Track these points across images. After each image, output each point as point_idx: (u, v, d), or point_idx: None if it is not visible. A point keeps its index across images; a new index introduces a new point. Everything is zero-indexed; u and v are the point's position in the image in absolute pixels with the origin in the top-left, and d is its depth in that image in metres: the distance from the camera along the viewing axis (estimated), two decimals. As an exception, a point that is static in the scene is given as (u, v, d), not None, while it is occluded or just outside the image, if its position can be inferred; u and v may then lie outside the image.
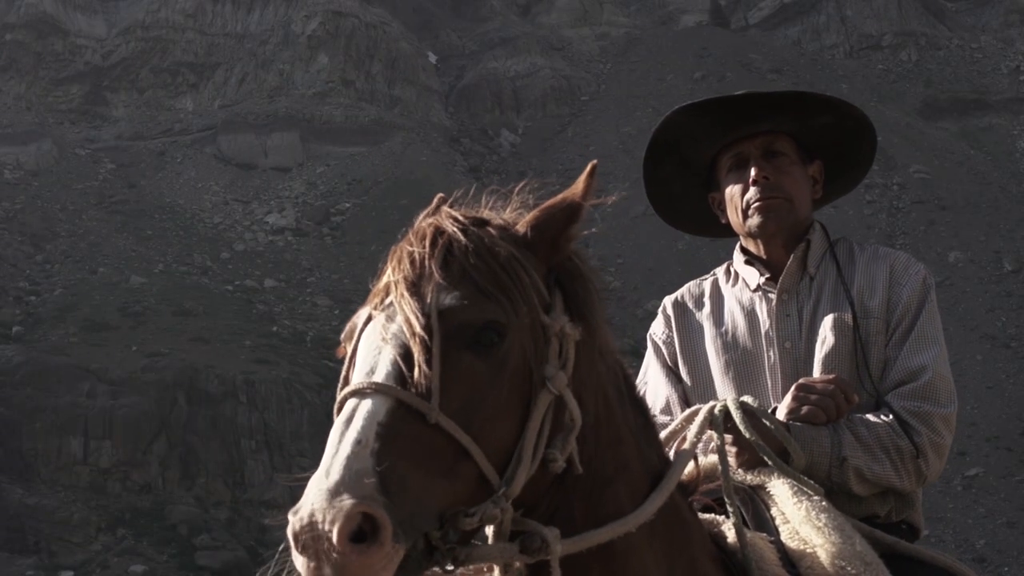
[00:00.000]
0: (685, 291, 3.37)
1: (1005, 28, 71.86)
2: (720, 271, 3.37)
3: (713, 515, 2.67)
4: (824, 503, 2.73)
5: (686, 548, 2.45)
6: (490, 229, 2.24)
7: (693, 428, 2.80)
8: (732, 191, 3.26)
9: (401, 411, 2.06)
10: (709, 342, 3.24)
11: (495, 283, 2.15)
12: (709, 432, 2.86)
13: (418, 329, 2.10)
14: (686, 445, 2.74)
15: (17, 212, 52.76)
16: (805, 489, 2.75)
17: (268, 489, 38.36)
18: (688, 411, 2.91)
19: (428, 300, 2.13)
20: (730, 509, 2.63)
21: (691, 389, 3.25)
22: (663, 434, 2.79)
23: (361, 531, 1.97)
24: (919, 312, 3.12)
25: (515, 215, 2.33)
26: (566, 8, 72.78)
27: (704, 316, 3.28)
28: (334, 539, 1.96)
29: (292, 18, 65.90)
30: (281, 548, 2.10)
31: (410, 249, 2.21)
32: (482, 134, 64.61)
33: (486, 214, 2.31)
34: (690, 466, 2.60)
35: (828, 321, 3.13)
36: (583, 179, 2.30)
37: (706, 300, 3.31)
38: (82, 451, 38.16)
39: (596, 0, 73.00)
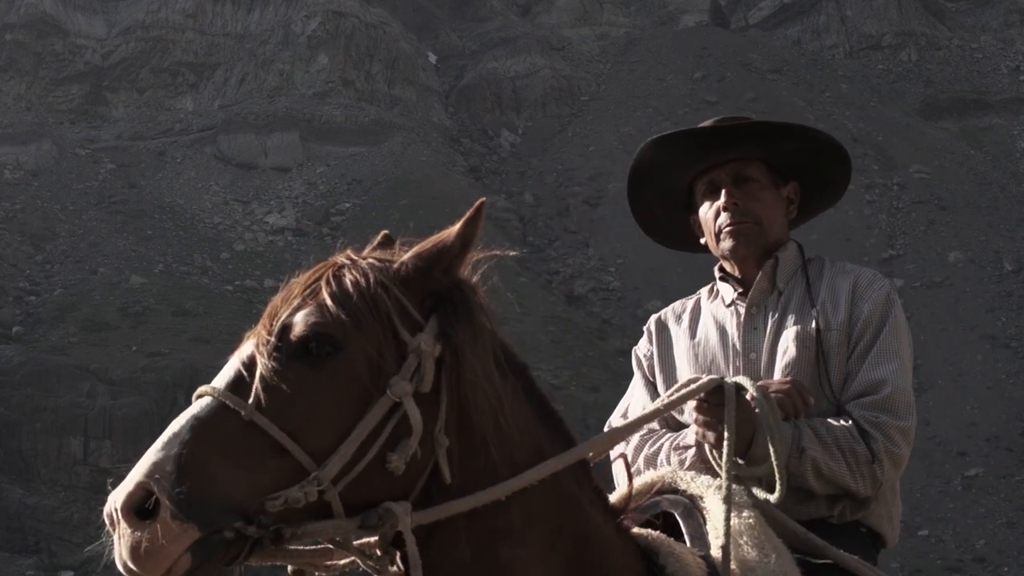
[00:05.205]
0: (669, 310, 3.54)
1: (1005, 28, 71.90)
2: (705, 289, 3.53)
3: (649, 531, 2.70)
4: (751, 520, 2.76)
5: (598, 570, 2.48)
6: (362, 262, 2.44)
7: (701, 382, 2.85)
8: (706, 216, 3.42)
9: (221, 410, 2.27)
10: (682, 353, 3.39)
11: (341, 302, 2.35)
12: (661, 441, 3.06)
13: (260, 342, 2.37)
14: (689, 407, 2.89)
15: (17, 212, 52.78)
16: (737, 504, 2.78)
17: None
18: (685, 379, 2.94)
19: (280, 319, 2.38)
20: (723, 488, 2.69)
21: None
22: (654, 405, 2.88)
23: (145, 508, 2.15)
24: (881, 327, 3.21)
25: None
26: (566, 8, 72.81)
27: (682, 330, 3.44)
28: (118, 514, 2.16)
29: (292, 18, 65.92)
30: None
31: (292, 281, 2.47)
32: (482, 134, 64.62)
33: (379, 254, 2.49)
34: (623, 489, 2.71)
35: (791, 333, 3.24)
36: (462, 222, 2.44)
37: (685, 316, 3.47)
38: (82, 451, 38.18)
39: (596, 0, 73.02)
